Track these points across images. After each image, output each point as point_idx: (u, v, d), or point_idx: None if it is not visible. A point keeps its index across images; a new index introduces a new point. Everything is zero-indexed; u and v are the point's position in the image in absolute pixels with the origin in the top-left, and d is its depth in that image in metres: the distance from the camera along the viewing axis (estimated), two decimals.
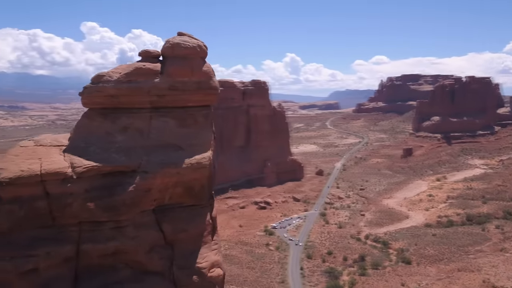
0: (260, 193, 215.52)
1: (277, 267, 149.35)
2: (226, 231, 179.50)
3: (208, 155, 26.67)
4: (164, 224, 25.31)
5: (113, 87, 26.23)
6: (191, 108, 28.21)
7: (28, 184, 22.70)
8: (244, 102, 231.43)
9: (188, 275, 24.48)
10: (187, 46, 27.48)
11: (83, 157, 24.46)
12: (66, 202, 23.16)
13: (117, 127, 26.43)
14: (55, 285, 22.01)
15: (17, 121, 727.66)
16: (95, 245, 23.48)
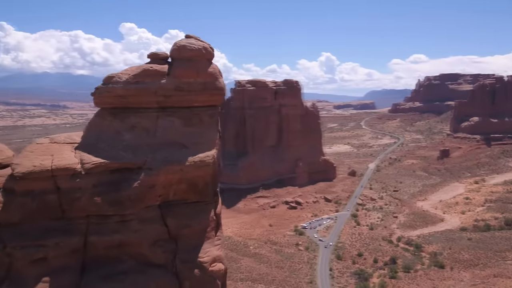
0: (291, 193, 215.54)
1: (306, 267, 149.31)
2: (256, 230, 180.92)
3: (212, 153, 27.63)
4: (168, 219, 26.46)
5: (121, 87, 27.69)
6: (197, 108, 29.32)
7: (39, 178, 24.39)
8: (276, 101, 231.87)
9: (190, 269, 25.50)
10: (192, 48, 28.58)
11: (93, 154, 25.97)
12: (74, 196, 24.71)
13: (126, 125, 27.88)
14: (63, 274, 23.51)
15: (59, 120, 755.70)
16: (101, 237, 24.92)
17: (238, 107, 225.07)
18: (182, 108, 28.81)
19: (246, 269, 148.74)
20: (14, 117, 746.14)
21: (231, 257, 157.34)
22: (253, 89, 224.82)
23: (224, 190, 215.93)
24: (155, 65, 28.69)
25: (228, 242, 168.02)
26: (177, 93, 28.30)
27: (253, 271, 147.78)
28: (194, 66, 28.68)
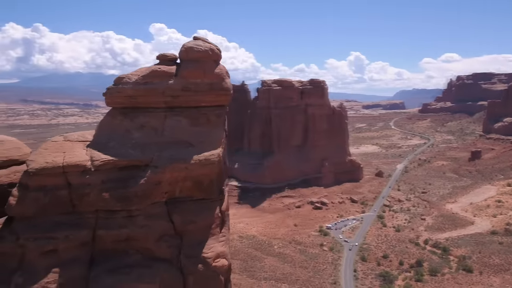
0: (316, 193, 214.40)
1: (330, 268, 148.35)
2: (280, 230, 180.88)
3: (217, 152, 28.30)
4: (174, 215, 27.30)
5: (131, 88, 28.75)
6: (204, 108, 30.07)
7: (51, 174, 25.68)
8: (302, 101, 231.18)
9: (194, 264, 26.26)
10: (199, 49, 29.34)
11: (103, 151, 27.09)
12: (84, 192, 25.89)
13: (135, 125, 28.92)
14: (73, 266, 24.70)
15: (91, 118, 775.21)
16: (109, 231, 26.00)
17: (264, 107, 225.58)
18: (189, 108, 29.64)
19: (270, 268, 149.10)
20: (48, 116, 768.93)
21: (255, 256, 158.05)
22: (279, 88, 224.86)
23: (249, 190, 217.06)
24: (163, 66, 29.60)
25: (252, 241, 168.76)
26: (184, 93, 29.12)
27: (277, 270, 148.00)
28: (201, 67, 29.44)
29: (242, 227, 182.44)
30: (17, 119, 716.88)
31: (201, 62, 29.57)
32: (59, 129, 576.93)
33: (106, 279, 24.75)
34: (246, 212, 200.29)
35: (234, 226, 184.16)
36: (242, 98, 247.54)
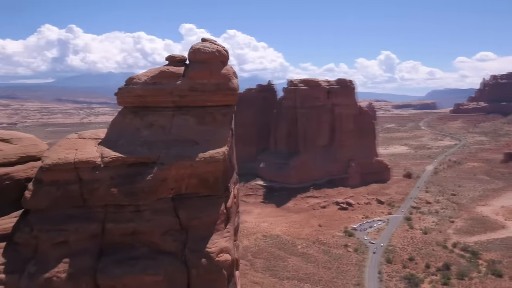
0: (342, 194, 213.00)
1: (354, 269, 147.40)
2: (305, 230, 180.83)
3: (222, 150, 29.23)
4: (180, 211, 28.41)
5: (140, 88, 30.12)
6: (211, 107, 31.15)
7: (64, 170, 27.24)
8: (328, 101, 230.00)
9: (197, 258, 27.27)
10: (206, 51, 30.41)
11: (112, 149, 28.49)
12: (94, 187, 27.32)
13: (144, 123, 30.26)
14: (82, 257, 26.13)
15: None
16: (117, 225, 27.34)
17: (290, 107, 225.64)
18: (197, 107, 30.78)
19: (293, 268, 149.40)
20: (81, 115, 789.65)
21: (278, 255, 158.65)
22: (306, 88, 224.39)
23: (275, 189, 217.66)
24: (171, 67, 30.82)
25: (276, 241, 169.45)
26: (191, 93, 30.27)
27: (300, 270, 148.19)
28: (208, 68, 30.51)
29: (266, 226, 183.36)
30: (51, 118, 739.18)
31: (208, 63, 30.64)
32: (90, 127, 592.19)
33: (113, 270, 26.05)
34: (271, 212, 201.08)
35: (258, 225, 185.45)
36: (269, 97, 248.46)
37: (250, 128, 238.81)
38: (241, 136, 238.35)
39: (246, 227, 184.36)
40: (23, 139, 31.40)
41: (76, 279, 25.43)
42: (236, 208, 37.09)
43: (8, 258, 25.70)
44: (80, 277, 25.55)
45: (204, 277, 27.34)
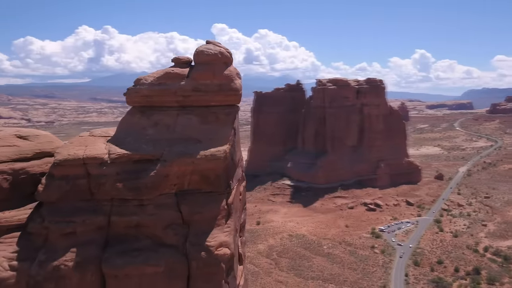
0: (370, 195, 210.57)
1: (380, 271, 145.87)
2: (331, 230, 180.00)
3: (223, 148, 30.42)
4: (182, 206, 29.79)
5: (147, 88, 31.73)
6: (214, 107, 32.48)
7: (73, 165, 29.11)
8: (358, 101, 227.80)
9: (197, 251, 28.56)
10: (209, 53, 31.73)
11: (119, 146, 30.18)
12: (101, 182, 29.04)
13: (150, 122, 31.84)
14: (88, 247, 27.87)
15: None
16: (122, 218, 28.98)
17: (319, 106, 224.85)
18: (200, 107, 32.15)
19: (318, 268, 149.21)
20: (115, 114, 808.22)
21: (303, 255, 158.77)
22: (334, 88, 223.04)
23: (302, 189, 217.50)
24: (176, 68, 32.29)
25: (302, 241, 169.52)
26: (194, 94, 31.64)
27: (324, 270, 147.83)
28: (211, 69, 31.84)
29: (292, 226, 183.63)
30: (86, 117, 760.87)
31: (210, 64, 31.94)
32: None
33: (116, 260, 27.65)
34: (297, 212, 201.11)
35: (284, 225, 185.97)
36: (297, 97, 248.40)
37: (278, 127, 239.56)
38: (268, 135, 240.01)
39: (272, 227, 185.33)
40: (39, 137, 33.57)
41: (82, 268, 27.18)
42: (242, 205, 38.23)
43: (21, 246, 27.73)
44: (86, 266, 27.28)
45: (203, 270, 28.58)
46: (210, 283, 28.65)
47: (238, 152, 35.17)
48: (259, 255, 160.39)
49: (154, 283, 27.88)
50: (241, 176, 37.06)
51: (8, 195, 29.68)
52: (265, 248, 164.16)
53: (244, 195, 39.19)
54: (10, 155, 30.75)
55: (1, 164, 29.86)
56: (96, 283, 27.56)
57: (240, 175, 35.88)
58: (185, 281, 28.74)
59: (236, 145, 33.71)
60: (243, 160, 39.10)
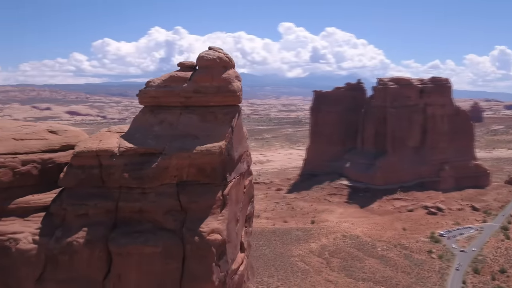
0: (432, 198, 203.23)
1: (435, 277, 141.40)
2: (387, 233, 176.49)
3: (219, 144, 33.77)
4: (181, 195, 33.46)
5: (154, 90, 35.88)
6: (213, 107, 36.00)
7: (88, 156, 33.89)
8: (421, 100, 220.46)
9: (192, 236, 32.04)
10: (208, 58, 35.25)
11: (128, 141, 34.51)
12: (111, 171, 33.50)
13: (157, 120, 35.88)
14: (98, 227, 32.43)
15: None
16: (127, 203, 33.22)
17: (379, 106, 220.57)
18: (200, 107, 35.78)
19: (370, 270, 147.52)
20: None
21: (356, 256, 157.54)
22: (396, 87, 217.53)
23: (359, 190, 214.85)
24: (180, 72, 36.15)
25: (355, 241, 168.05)
26: (195, 95, 35.27)
27: (376, 272, 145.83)
28: (210, 72, 35.33)
29: (347, 227, 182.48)
30: None
31: (209, 68, 35.42)
32: None
33: (120, 240, 31.90)
34: (353, 212, 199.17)
35: (339, 225, 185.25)
36: (357, 96, 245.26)
37: (337, 127, 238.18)
38: (327, 135, 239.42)
39: (326, 226, 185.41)
40: (67, 131, 38.90)
41: (91, 245, 31.75)
42: (247, 197, 41.25)
43: (44, 224, 32.89)
44: (95, 243, 31.82)
45: (196, 252, 32.02)
46: (201, 265, 32.02)
47: (240, 149, 38.10)
48: (311, 253, 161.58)
49: (152, 261, 31.77)
50: (246, 170, 40.00)
51: (37, 181, 35.16)
52: (317, 247, 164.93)
53: (251, 188, 42.11)
54: (40, 146, 36.30)
55: (32, 154, 35.43)
56: (103, 258, 32.01)
57: (243, 169, 38.84)
58: (180, 262, 32.32)
59: (236, 142, 36.71)
60: (249, 156, 41.96)
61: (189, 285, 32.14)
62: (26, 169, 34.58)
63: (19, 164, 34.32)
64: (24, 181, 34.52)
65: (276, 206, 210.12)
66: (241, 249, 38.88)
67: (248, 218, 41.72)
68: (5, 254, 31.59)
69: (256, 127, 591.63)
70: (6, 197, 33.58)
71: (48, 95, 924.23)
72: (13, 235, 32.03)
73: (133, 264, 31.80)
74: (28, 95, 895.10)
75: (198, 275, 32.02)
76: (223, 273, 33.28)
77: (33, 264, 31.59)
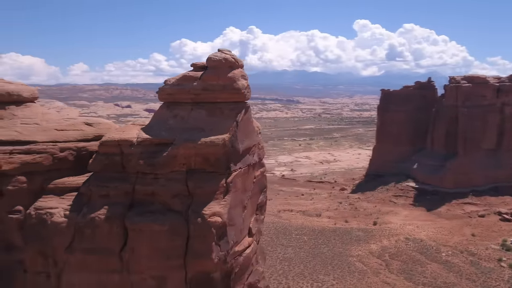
0: (507, 203, 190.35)
1: (504, 286, 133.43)
2: (454, 238, 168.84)
3: (222, 137, 37.90)
4: (189, 181, 37.87)
5: (169, 88, 40.72)
6: (220, 103, 40.15)
7: (111, 145, 39.39)
8: (498, 100, 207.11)
9: (195, 217, 36.24)
10: (215, 59, 39.44)
11: (146, 132, 39.59)
12: (129, 158, 38.72)
13: (172, 114, 40.62)
14: (117, 207, 37.73)
15: (290, 113, 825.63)
16: (142, 187, 38.24)
17: (451, 105, 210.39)
18: (208, 103, 40.02)
19: (431, 275, 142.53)
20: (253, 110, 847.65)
21: (418, 259, 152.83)
22: (469, 85, 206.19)
23: (427, 192, 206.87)
24: (192, 72, 40.71)
25: (418, 245, 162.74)
26: (204, 92, 39.54)
27: (438, 278, 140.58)
28: (216, 72, 39.49)
29: (411, 229, 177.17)
30: None
31: (216, 68, 39.52)
32: (259, 121, 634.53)
33: (134, 218, 36.98)
34: (419, 215, 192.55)
35: (402, 228, 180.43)
36: (428, 95, 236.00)
37: (405, 126, 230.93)
38: (394, 135, 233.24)
39: (389, 228, 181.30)
40: (101, 124, 45.09)
41: (110, 221, 37.18)
42: (258, 187, 44.74)
43: (74, 202, 38.94)
44: (113, 220, 37.20)
45: (198, 232, 36.23)
46: (203, 243, 36.16)
47: (248, 142, 41.60)
48: (370, 254, 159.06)
49: (159, 238, 36.42)
50: (257, 162, 43.45)
51: (72, 166, 41.56)
52: (378, 248, 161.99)
53: (262, 179, 45.49)
54: (76, 136, 42.77)
55: (69, 143, 41.96)
56: (120, 233, 37.33)
57: (252, 161, 42.36)
58: (185, 240, 36.68)
59: (243, 135, 40.42)
60: (262, 150, 45.27)
61: (192, 260, 36.47)
62: (64, 155, 41.14)
63: (58, 150, 40.90)
64: (61, 165, 41.11)
65: (339, 205, 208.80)
66: (249, 234, 42.34)
67: (259, 206, 45.07)
68: (43, 226, 38.04)
69: (326, 126, 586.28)
70: (47, 178, 40.30)
71: (130, 93, 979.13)
72: (49, 210, 38.41)
73: (144, 239, 36.71)
74: (112, 93, 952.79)
75: (199, 252, 36.25)
76: (223, 252, 37.06)
77: (64, 234, 37.67)
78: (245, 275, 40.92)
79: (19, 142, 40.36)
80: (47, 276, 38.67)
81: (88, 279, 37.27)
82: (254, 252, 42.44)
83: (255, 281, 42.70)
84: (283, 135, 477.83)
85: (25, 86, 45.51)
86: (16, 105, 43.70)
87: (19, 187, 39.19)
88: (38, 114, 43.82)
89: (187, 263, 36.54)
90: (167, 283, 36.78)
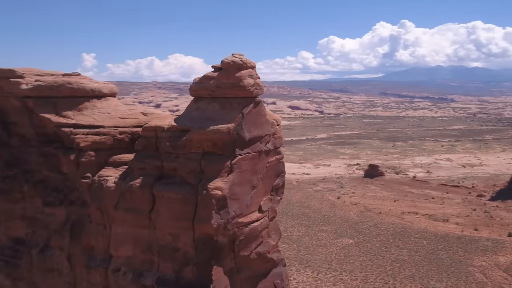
0: None
1: None
2: None
3: (227, 126, 46.52)
4: (202, 161, 47.35)
5: (194, 85, 50.65)
6: (230, 98, 48.72)
7: (149, 130, 50.85)
8: None
9: (202, 190, 45.48)
10: (225, 62, 48.17)
11: (175, 121, 50.10)
12: (161, 141, 49.50)
13: (196, 107, 50.37)
14: (150, 177, 48.83)
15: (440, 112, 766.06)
16: (168, 163, 48.80)
17: None
18: (221, 98, 48.97)
19: None
20: (400, 109, 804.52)
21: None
22: None
23: None
24: (211, 72, 49.80)
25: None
26: (217, 89, 48.50)
27: None
28: (226, 72, 48.18)
29: None
30: (372, 111, 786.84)
31: (226, 69, 48.24)
32: (402, 121, 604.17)
33: (159, 187, 47.88)
34: None
35: None
36: None
37: None
38: None
39: None
40: (153, 114, 56.93)
41: (143, 188, 48.58)
42: (273, 171, 52.11)
43: (123, 173, 51.31)
44: (145, 188, 48.54)
45: (203, 201, 45.56)
46: (205, 211, 45.43)
47: (257, 131, 49.12)
48: (496, 267, 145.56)
49: (175, 204, 46.76)
50: (270, 150, 50.76)
51: (128, 146, 54.19)
52: (507, 261, 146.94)
53: (278, 165, 52.61)
54: (133, 123, 55.47)
55: (126, 128, 54.83)
56: (149, 198, 48.59)
57: (263, 148, 49.87)
58: (194, 207, 46.40)
59: (250, 125, 48.21)
60: (278, 139, 51.98)
61: (197, 224, 46.12)
62: (122, 137, 54.14)
63: (117, 133, 53.97)
64: (120, 144, 54.18)
65: (472, 212, 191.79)
66: (259, 210, 50.06)
67: (275, 188, 52.35)
68: (101, 189, 51.22)
69: (478, 127, 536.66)
70: (109, 154, 53.76)
71: (276, 91, 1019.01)
72: (106, 177, 51.55)
73: (164, 204, 47.31)
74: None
75: (202, 218, 45.59)
76: (223, 220, 45.58)
77: (113, 196, 50.25)
78: (252, 244, 48.70)
79: (93, 126, 54.38)
80: (104, 227, 51.93)
81: (127, 232, 49.37)
82: (265, 227, 50.04)
83: (265, 251, 50.07)
84: (426, 135, 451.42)
85: (106, 84, 59.81)
86: (97, 98, 58.00)
87: (90, 159, 53.06)
88: (111, 106, 57.52)
89: (194, 225, 46.13)
90: (179, 239, 46.94)
